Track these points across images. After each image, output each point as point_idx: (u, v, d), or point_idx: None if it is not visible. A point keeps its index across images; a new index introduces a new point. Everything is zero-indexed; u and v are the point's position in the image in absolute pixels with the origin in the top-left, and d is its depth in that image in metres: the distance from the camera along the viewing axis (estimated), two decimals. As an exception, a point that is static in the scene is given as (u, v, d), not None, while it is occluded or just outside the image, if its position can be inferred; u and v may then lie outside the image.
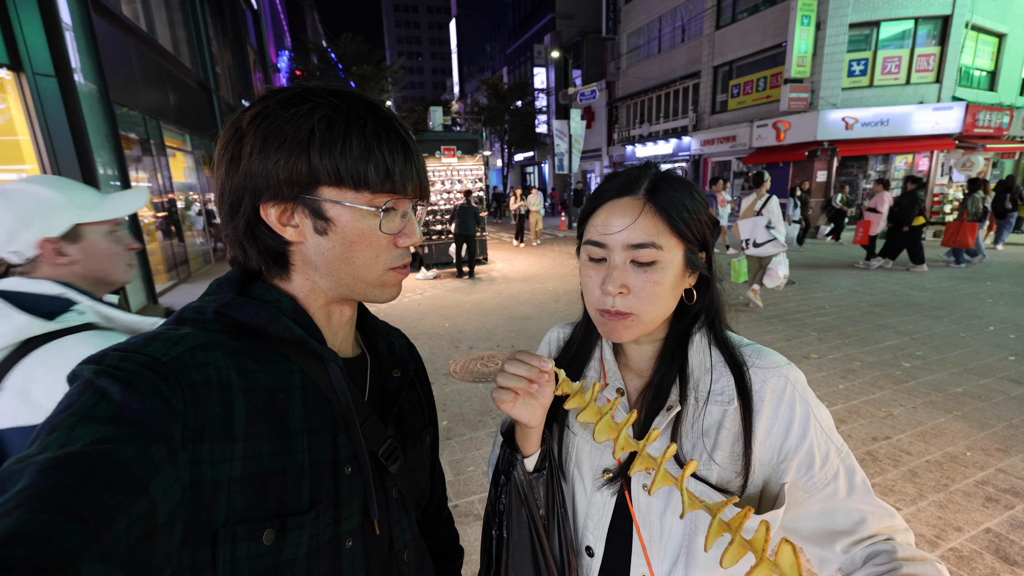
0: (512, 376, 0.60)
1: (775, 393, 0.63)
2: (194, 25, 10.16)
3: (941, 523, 2.27)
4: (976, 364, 4.07)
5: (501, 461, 0.72)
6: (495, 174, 35.28)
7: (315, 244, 0.53)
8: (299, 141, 0.49)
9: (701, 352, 0.68)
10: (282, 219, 0.52)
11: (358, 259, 0.54)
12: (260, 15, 19.97)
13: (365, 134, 0.51)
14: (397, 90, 26.95)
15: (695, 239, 0.64)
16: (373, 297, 0.58)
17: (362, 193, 0.52)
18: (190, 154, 9.67)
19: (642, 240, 0.61)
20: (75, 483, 0.33)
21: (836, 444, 0.65)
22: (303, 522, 0.49)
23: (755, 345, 0.69)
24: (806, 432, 0.62)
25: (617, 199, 0.64)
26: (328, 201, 0.51)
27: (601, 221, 0.64)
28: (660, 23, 19.05)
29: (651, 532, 0.65)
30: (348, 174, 0.50)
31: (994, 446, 2.88)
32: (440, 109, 10.69)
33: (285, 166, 0.49)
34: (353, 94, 0.53)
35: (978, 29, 12.83)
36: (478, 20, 42.73)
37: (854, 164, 13.78)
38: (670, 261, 0.62)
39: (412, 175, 0.55)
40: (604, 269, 0.64)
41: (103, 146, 5.52)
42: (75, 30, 5.14)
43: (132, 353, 0.42)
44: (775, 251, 5.59)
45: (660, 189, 0.63)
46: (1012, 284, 6.85)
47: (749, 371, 0.65)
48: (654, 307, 0.63)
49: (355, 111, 0.51)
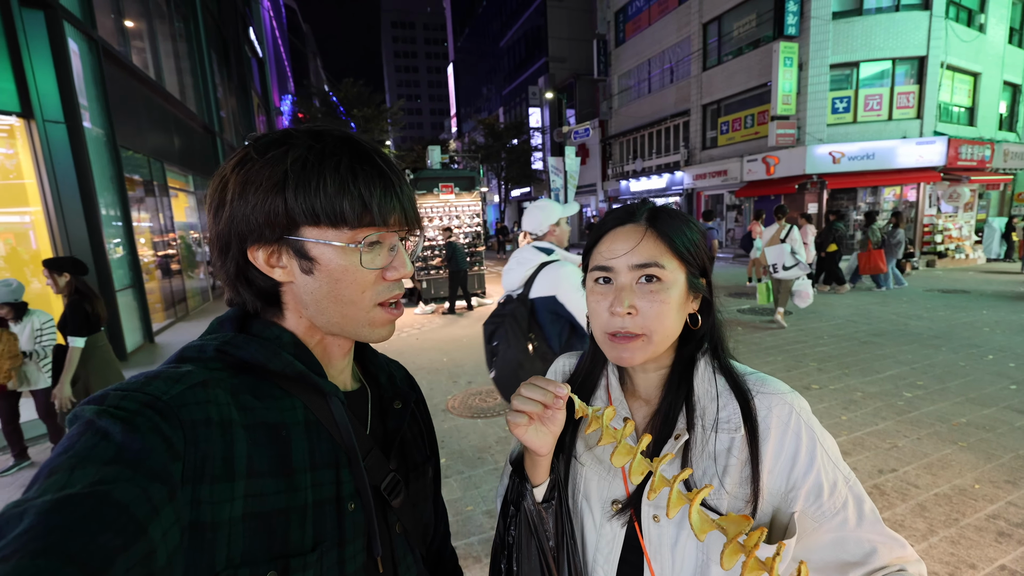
0: (528, 400, 0.61)
1: (780, 421, 0.64)
2: (201, 72, 10.56)
3: (955, 560, 2.20)
4: (978, 393, 4.04)
5: (510, 491, 0.71)
6: (492, 210, 35.84)
7: (303, 284, 0.54)
8: (274, 184, 0.50)
9: (707, 380, 0.69)
10: (270, 261, 0.53)
11: (345, 295, 0.54)
12: (265, 62, 20.80)
13: (339, 171, 0.51)
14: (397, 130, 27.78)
15: (696, 263, 0.67)
16: (364, 336, 0.58)
17: (341, 230, 0.52)
18: (192, 194, 9.85)
19: (646, 260, 0.64)
20: (74, 525, 0.33)
21: (844, 473, 0.65)
22: (307, 563, 0.48)
23: (758, 374, 0.70)
24: (813, 460, 0.62)
25: (620, 227, 0.68)
26: (309, 241, 0.52)
27: (606, 247, 0.67)
28: (649, 65, 19.86)
29: (662, 564, 0.64)
30: (323, 212, 0.50)
31: (1002, 478, 2.83)
32: (438, 148, 10.98)
33: (262, 209, 0.50)
34: (331, 133, 0.53)
35: (953, 68, 13.40)
36: (474, 64, 44.51)
37: (844, 196, 14.08)
38: (674, 281, 0.65)
39: (393, 206, 0.54)
40: (611, 293, 0.66)
41: (107, 187, 5.63)
42: (86, 79, 5.34)
43: (133, 392, 0.43)
44: (800, 273, 6.19)
45: (659, 217, 0.67)
46: (1008, 312, 6.87)
47: (754, 399, 0.66)
48: (662, 327, 0.64)
49: (330, 149, 0.51)
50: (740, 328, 6.64)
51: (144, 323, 6.33)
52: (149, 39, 8.01)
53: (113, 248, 5.70)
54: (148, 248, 7.12)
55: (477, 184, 10.27)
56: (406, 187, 0.56)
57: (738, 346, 4.79)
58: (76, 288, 2.93)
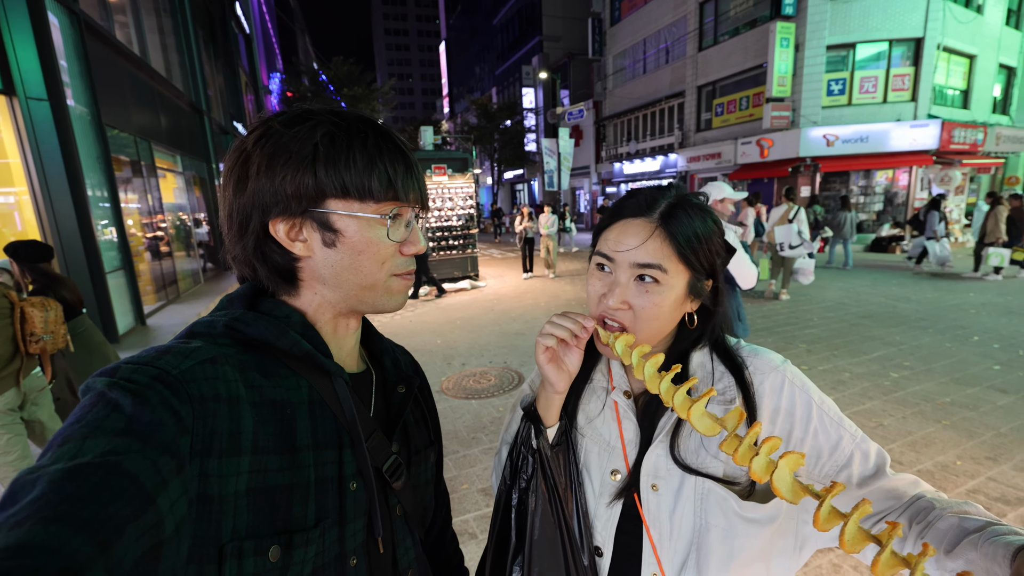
0: (559, 326, 0.66)
1: (774, 389, 0.66)
2: (187, 49, 10.26)
3: (935, 532, 2.28)
4: (963, 374, 4.14)
5: (522, 433, 0.74)
6: (485, 191, 35.57)
7: (323, 257, 0.55)
8: (304, 157, 0.51)
9: (702, 355, 0.71)
10: (291, 234, 0.53)
11: (365, 268, 0.56)
12: (252, 39, 20.22)
13: (367, 147, 0.53)
14: (388, 110, 27.30)
15: (702, 268, 0.66)
16: (382, 305, 0.59)
17: (367, 203, 0.54)
18: (180, 175, 9.67)
19: (648, 261, 0.64)
20: (85, 494, 0.33)
21: (849, 431, 0.66)
22: (309, 538, 0.49)
23: (751, 345, 0.72)
24: (809, 421, 0.65)
25: (632, 218, 0.66)
26: (335, 213, 0.53)
27: (614, 236, 0.67)
28: (644, 45, 19.58)
29: (660, 532, 0.66)
30: (353, 185, 0.52)
31: (983, 455, 2.92)
32: (430, 129, 10.83)
33: (292, 181, 0.51)
34: (350, 113, 0.55)
35: (949, 51, 13.35)
36: (467, 43, 43.57)
37: (836, 179, 14.12)
38: (673, 286, 0.65)
39: (413, 184, 0.57)
40: (609, 281, 0.67)
41: (93, 167, 5.51)
42: (68, 54, 5.17)
43: (144, 366, 0.43)
44: (805, 251, 6.75)
45: (675, 215, 0.64)
46: (994, 295, 7.00)
47: (747, 371, 0.68)
48: (649, 327, 0.66)
49: (355, 126, 0.53)
50: (732, 310, 6.72)
51: (135, 305, 6.28)
52: (132, 13, 7.75)
53: (102, 229, 5.61)
54: (137, 230, 7.02)
55: (470, 166, 10.17)
56: (419, 168, 0.59)
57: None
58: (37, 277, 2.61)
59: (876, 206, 14.08)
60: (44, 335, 2.24)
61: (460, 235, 9.69)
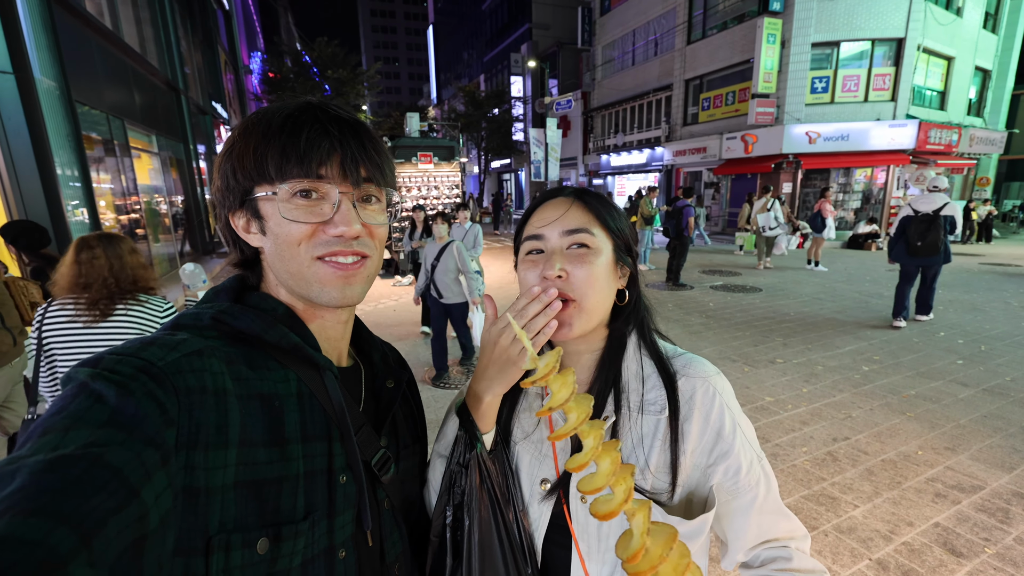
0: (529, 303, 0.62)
1: (704, 401, 0.67)
2: (162, 23, 9.89)
3: (894, 519, 2.38)
4: (928, 368, 4.30)
5: (459, 442, 0.69)
6: (472, 181, 35.29)
7: (267, 247, 0.56)
8: (226, 151, 0.54)
9: (634, 362, 0.70)
10: (247, 227, 0.56)
11: (285, 252, 0.54)
12: (232, 15, 19.56)
13: (271, 127, 0.52)
14: (373, 95, 26.73)
15: (621, 239, 0.70)
16: (316, 297, 0.55)
17: (274, 185, 0.52)
18: (156, 155, 9.37)
19: (575, 226, 0.67)
20: (67, 487, 0.33)
21: (757, 452, 0.69)
22: (298, 531, 0.49)
23: (686, 355, 0.72)
24: (734, 439, 0.66)
25: (550, 200, 0.71)
26: (255, 198, 0.53)
27: (537, 218, 0.70)
28: (634, 36, 19.52)
29: (588, 544, 0.66)
30: (255, 168, 0.52)
31: (943, 445, 3.05)
32: (417, 115, 10.68)
33: (221, 174, 0.54)
34: (297, 101, 0.55)
35: (929, 52, 13.62)
36: (455, 28, 42.86)
37: (817, 176, 14.37)
38: (602, 250, 0.67)
39: (321, 157, 0.51)
40: (542, 259, 0.67)
41: (63, 146, 5.30)
42: (34, 26, 4.94)
43: (128, 357, 0.42)
44: (780, 232, 9.66)
45: (586, 193, 0.71)
46: (960, 292, 7.25)
47: (679, 380, 0.68)
48: (592, 291, 0.65)
49: (275, 110, 0.53)
50: (711, 304, 6.83)
51: (108, 290, 6.10)
52: (104, -16, 7.43)
53: (72, 210, 5.42)
54: (110, 211, 6.80)
55: (457, 154, 10.08)
56: (353, 141, 0.54)
57: (708, 322, 4.95)
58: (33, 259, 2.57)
59: (855, 203, 14.39)
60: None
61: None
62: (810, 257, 9.53)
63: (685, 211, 7.99)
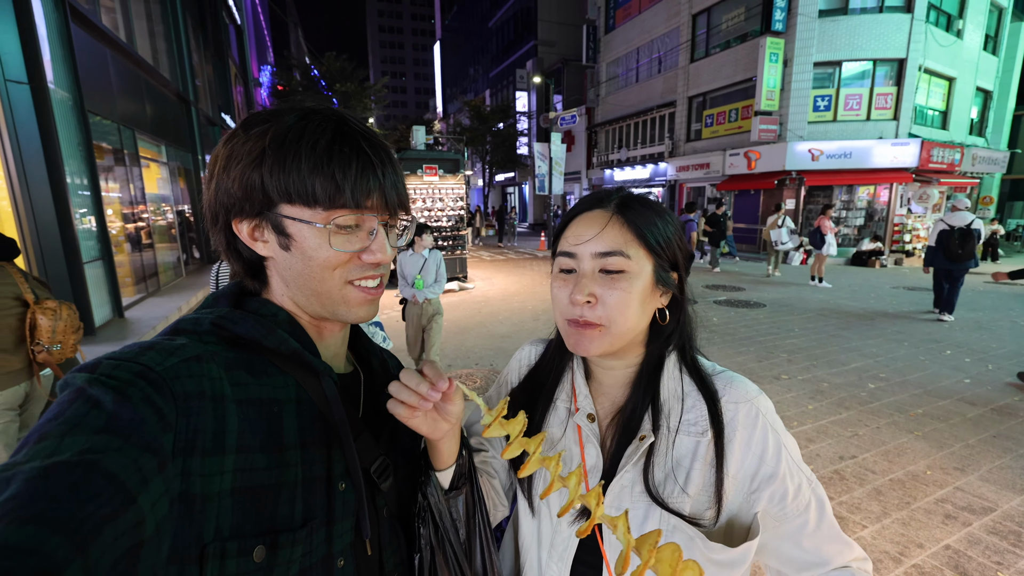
0: (404, 389, 0.55)
1: (747, 423, 0.64)
2: (175, 37, 10.09)
3: (904, 540, 2.34)
4: (935, 386, 4.25)
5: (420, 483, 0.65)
6: (476, 193, 35.52)
7: (282, 260, 0.54)
8: (252, 160, 0.50)
9: (674, 379, 0.67)
10: (253, 234, 0.54)
11: (316, 274, 0.54)
12: (243, 30, 19.95)
13: (316, 150, 0.50)
14: (380, 108, 27.10)
15: (665, 255, 0.65)
16: (341, 315, 0.56)
17: (315, 210, 0.51)
18: (165, 165, 9.48)
19: (610, 248, 0.62)
20: (62, 493, 0.32)
21: (807, 475, 0.65)
22: (295, 539, 0.48)
23: (727, 373, 0.69)
24: (779, 462, 0.63)
25: (587, 212, 0.66)
26: (286, 218, 0.52)
27: (572, 233, 0.66)
28: (638, 54, 19.77)
29: None
30: (295, 191, 0.50)
31: (952, 465, 3.00)
32: (423, 128, 10.79)
33: (241, 183, 0.51)
34: (321, 112, 0.53)
35: (930, 72, 13.74)
36: (462, 44, 43.54)
37: (820, 193, 14.40)
38: (639, 272, 0.63)
39: (370, 189, 0.52)
40: (573, 280, 0.64)
41: (73, 155, 5.38)
42: (51, 38, 5.05)
43: (126, 362, 0.42)
44: (792, 246, 10.51)
45: (629, 205, 0.65)
46: (967, 311, 7.21)
47: (721, 401, 0.65)
48: (623, 318, 0.62)
49: (312, 127, 0.51)
50: (715, 319, 6.81)
51: (113, 297, 6.13)
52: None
53: (81, 218, 5.47)
54: (118, 219, 6.86)
55: (462, 167, 10.16)
56: (390, 170, 0.55)
57: (712, 337, 4.92)
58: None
59: (858, 220, 14.40)
60: (51, 345, 2.14)
61: (450, 236, 9.66)
62: (813, 273, 9.52)
63: (688, 226, 8.02)
